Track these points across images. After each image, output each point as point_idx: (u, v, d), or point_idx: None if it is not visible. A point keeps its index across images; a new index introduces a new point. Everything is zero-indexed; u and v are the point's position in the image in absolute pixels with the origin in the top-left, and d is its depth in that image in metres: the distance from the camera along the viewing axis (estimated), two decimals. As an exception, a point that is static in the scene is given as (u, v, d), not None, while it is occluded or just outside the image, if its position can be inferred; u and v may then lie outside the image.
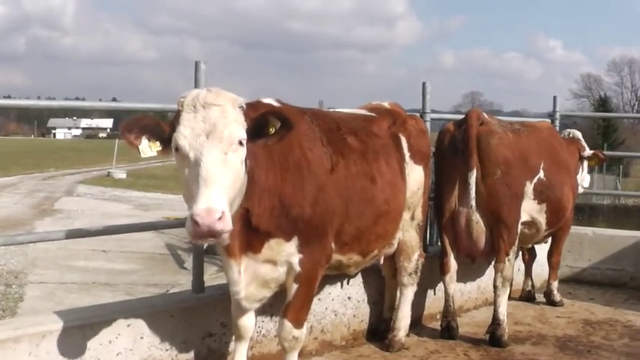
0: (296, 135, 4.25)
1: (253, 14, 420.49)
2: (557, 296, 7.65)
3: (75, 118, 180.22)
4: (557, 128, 8.75)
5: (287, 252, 4.35)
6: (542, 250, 7.85)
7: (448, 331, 6.31)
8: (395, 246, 5.76)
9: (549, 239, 7.54)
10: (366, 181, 4.98)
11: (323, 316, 5.79)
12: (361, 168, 4.95)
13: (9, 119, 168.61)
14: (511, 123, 6.67)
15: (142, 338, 4.66)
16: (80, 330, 4.38)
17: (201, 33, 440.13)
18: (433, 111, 7.24)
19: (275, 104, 4.47)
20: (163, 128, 3.82)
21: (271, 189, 4.18)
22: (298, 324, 4.54)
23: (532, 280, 7.87)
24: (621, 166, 43.78)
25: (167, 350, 4.79)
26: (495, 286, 6.25)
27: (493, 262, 6.32)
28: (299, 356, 4.76)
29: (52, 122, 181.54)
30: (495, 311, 6.22)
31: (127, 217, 18.88)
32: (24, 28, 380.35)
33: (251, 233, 4.18)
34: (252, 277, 4.33)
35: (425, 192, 5.90)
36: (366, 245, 5.13)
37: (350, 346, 5.96)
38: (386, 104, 5.95)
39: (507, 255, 6.17)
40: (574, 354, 6.04)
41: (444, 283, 6.38)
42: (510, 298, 7.38)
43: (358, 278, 6.07)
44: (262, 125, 3.84)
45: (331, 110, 5.62)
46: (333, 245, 4.73)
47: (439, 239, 6.61)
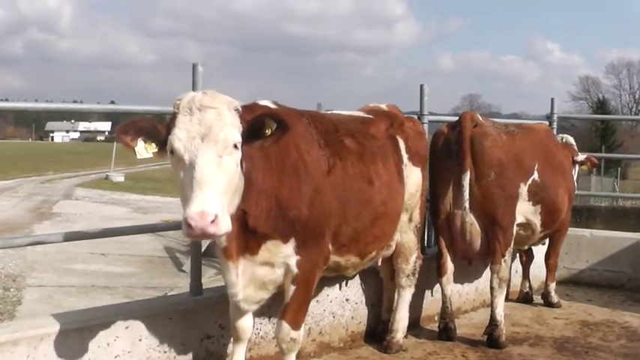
0: (293, 137, 4.27)
1: (252, 17, 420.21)
2: (554, 298, 7.66)
3: (73, 121, 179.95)
4: (554, 130, 8.78)
5: (284, 254, 4.36)
6: (539, 252, 7.87)
7: (446, 333, 6.32)
8: (393, 248, 5.77)
9: (547, 241, 7.57)
10: (364, 183, 4.99)
11: (321, 318, 5.80)
12: (358, 170, 4.96)
13: (6, 122, 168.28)
14: (505, 125, 6.68)
15: (141, 340, 4.67)
16: (78, 333, 4.38)
17: (199, 35, 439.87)
18: (431, 113, 7.25)
19: (272, 106, 4.49)
20: (159, 130, 3.83)
21: (268, 191, 4.19)
22: (296, 325, 4.55)
23: (530, 282, 7.88)
24: (619, 169, 43.78)
25: (165, 352, 4.79)
26: (492, 287, 6.26)
27: (489, 264, 6.33)
28: (297, 358, 4.77)
29: (50, 125, 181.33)
30: (492, 312, 6.24)
31: (126, 220, 18.84)
32: (21, 31, 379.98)
33: (248, 235, 4.18)
34: (249, 279, 4.34)
35: (423, 194, 5.92)
36: (364, 247, 5.14)
37: (348, 348, 5.97)
38: (384, 106, 5.96)
39: (503, 256, 6.19)
40: (571, 355, 6.05)
41: (441, 285, 6.39)
42: (508, 300, 7.41)
43: (356, 280, 6.09)
44: (258, 127, 3.85)
45: (329, 112, 5.63)
46: (331, 247, 4.74)
47: (436, 241, 6.61)
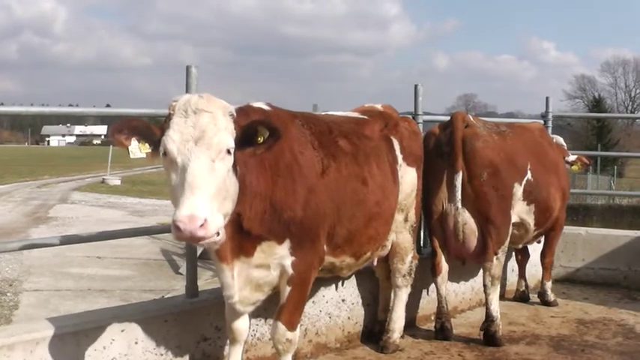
0: (287, 139, 4.26)
1: (247, 19, 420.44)
2: (551, 296, 7.67)
3: (69, 125, 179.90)
4: (549, 129, 8.79)
5: (279, 255, 4.36)
6: (535, 251, 7.88)
7: (442, 332, 6.32)
8: (388, 248, 5.78)
9: (543, 240, 7.57)
10: (358, 184, 4.99)
11: (317, 319, 5.80)
12: (352, 170, 4.96)
13: (2, 127, 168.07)
14: (497, 125, 6.68)
15: (137, 343, 4.67)
16: (74, 336, 4.38)
17: (194, 38, 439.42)
18: (426, 113, 7.26)
19: (265, 108, 4.49)
20: (153, 131, 3.82)
21: (262, 193, 4.19)
22: (292, 326, 4.54)
23: (526, 281, 7.89)
24: (616, 167, 43.80)
25: (162, 355, 4.79)
26: (485, 285, 6.27)
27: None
28: (294, 359, 4.76)
29: (46, 129, 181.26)
30: (487, 309, 6.25)
31: (123, 224, 18.85)
32: (15, 35, 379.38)
33: (243, 237, 4.18)
34: (245, 281, 4.34)
35: (418, 194, 5.92)
36: (359, 247, 5.14)
37: (344, 349, 5.97)
38: (379, 106, 5.96)
39: (496, 254, 6.18)
40: (568, 353, 6.06)
41: (436, 285, 6.40)
42: (504, 299, 7.44)
43: (352, 280, 6.09)
44: (251, 134, 3.83)
45: (323, 113, 5.63)
46: (326, 247, 4.74)
47: (429, 241, 6.62)
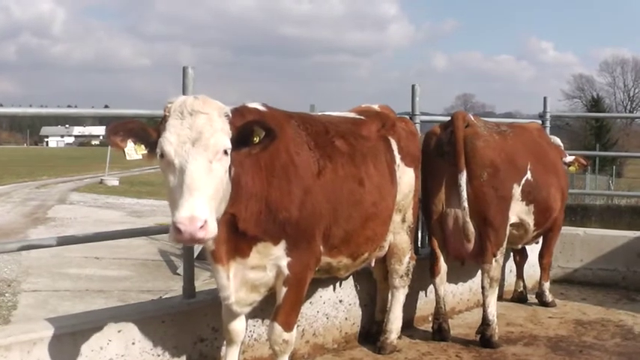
0: (283, 139, 4.26)
1: (245, 19, 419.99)
2: (549, 297, 7.67)
3: (67, 126, 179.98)
4: (547, 129, 8.79)
5: (275, 255, 4.36)
6: (533, 251, 7.87)
7: (440, 333, 6.32)
8: (386, 248, 5.77)
9: (540, 240, 7.57)
10: (354, 184, 4.98)
11: (315, 320, 5.80)
12: (349, 171, 4.95)
13: (1, 128, 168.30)
14: (497, 124, 6.67)
15: (134, 344, 4.66)
16: (71, 337, 4.38)
17: (193, 39, 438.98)
18: (425, 113, 7.25)
19: (261, 108, 4.49)
20: (150, 133, 3.81)
21: (258, 193, 4.18)
22: (288, 327, 4.54)
23: (524, 281, 7.89)
24: (614, 167, 43.81)
25: (159, 356, 4.79)
26: (483, 287, 6.25)
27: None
28: (291, 360, 4.77)
29: (45, 130, 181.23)
30: (485, 312, 6.24)
31: (121, 224, 18.86)
32: (14, 37, 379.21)
33: (239, 238, 4.19)
34: (241, 282, 4.34)
35: (416, 194, 5.91)
36: (356, 248, 5.13)
37: (342, 349, 5.97)
38: (376, 107, 5.95)
39: (494, 256, 6.18)
40: (566, 354, 6.05)
41: (435, 285, 6.39)
42: (502, 299, 7.43)
43: (349, 281, 6.09)
44: (247, 135, 3.84)
45: (320, 114, 5.62)
46: (322, 248, 4.74)
47: (428, 241, 6.61)
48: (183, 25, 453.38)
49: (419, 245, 7.03)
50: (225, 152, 3.69)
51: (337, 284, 5.98)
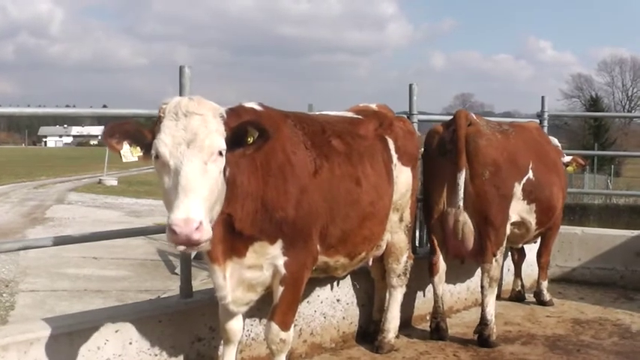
0: (279, 139, 4.27)
1: (244, 19, 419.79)
2: (546, 296, 7.67)
3: (66, 126, 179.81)
4: (545, 128, 8.79)
5: (272, 255, 4.35)
6: (531, 250, 7.88)
7: (437, 332, 6.32)
8: (383, 248, 5.76)
9: (539, 239, 7.57)
10: (351, 184, 4.98)
11: (312, 319, 5.79)
12: (346, 170, 4.95)
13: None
14: (499, 124, 6.67)
15: (131, 344, 4.66)
16: (68, 337, 4.37)
17: (191, 39, 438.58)
18: (422, 112, 7.24)
19: (257, 108, 4.48)
20: (145, 134, 3.80)
21: (254, 193, 4.18)
22: (285, 326, 4.54)
23: (522, 280, 7.89)
24: (613, 166, 43.84)
25: (156, 355, 4.78)
26: (482, 287, 6.25)
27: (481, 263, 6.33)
28: (288, 359, 4.76)
29: (43, 130, 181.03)
30: (483, 311, 6.23)
31: (119, 224, 18.82)
32: (12, 37, 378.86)
33: (235, 238, 4.18)
34: (237, 282, 4.33)
35: (413, 193, 5.91)
36: (353, 247, 5.13)
37: (339, 349, 5.97)
38: (373, 106, 5.94)
39: (494, 255, 6.18)
40: (563, 353, 6.06)
41: (433, 284, 6.39)
42: (500, 298, 7.43)
43: (347, 280, 6.09)
44: (241, 135, 3.83)
45: (317, 113, 5.62)
46: (319, 247, 4.73)
47: (428, 240, 6.61)
48: (181, 25, 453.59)
49: (417, 244, 7.03)
50: (220, 153, 3.68)
51: (335, 283, 5.98)
